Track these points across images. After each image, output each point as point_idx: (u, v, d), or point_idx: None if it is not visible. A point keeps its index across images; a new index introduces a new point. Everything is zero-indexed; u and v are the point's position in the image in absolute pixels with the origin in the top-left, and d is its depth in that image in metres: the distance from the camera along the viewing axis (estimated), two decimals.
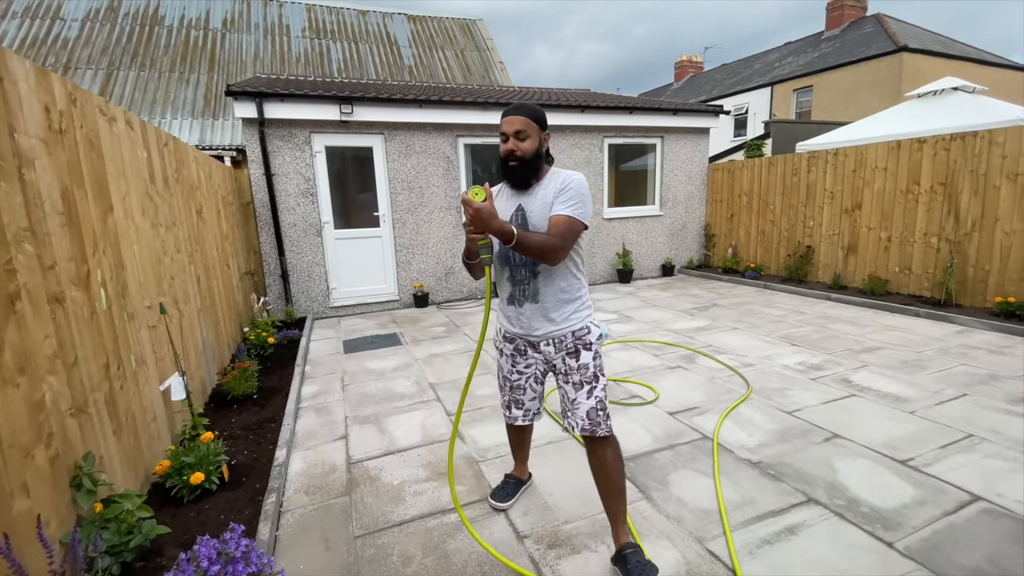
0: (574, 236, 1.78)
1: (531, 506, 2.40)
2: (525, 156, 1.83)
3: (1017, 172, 5.18)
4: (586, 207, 1.82)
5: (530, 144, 1.83)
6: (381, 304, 7.01)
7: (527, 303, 1.93)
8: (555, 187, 1.85)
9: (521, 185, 1.90)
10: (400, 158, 6.87)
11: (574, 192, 1.81)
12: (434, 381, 4.10)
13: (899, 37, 17.47)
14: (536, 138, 1.84)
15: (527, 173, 1.86)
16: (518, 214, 1.90)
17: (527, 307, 1.93)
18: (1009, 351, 4.37)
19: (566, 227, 1.76)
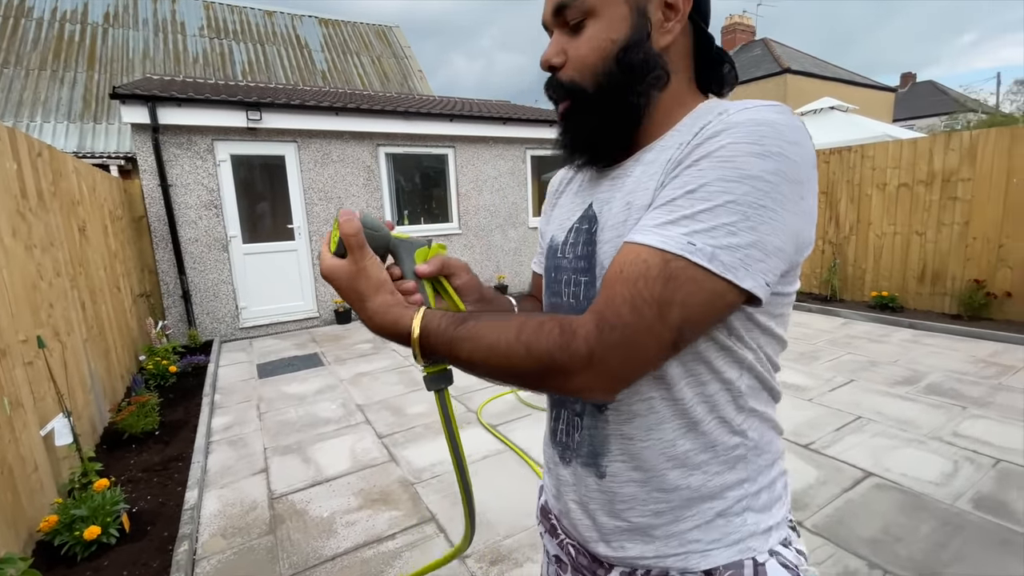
0: (670, 320, 0.50)
1: None
2: (579, 79, 0.63)
3: (885, 182, 5.95)
4: (763, 219, 0.50)
5: (599, 37, 0.61)
6: (299, 322, 6.60)
7: (576, 462, 0.72)
8: (679, 149, 0.57)
9: (594, 154, 0.69)
10: (316, 167, 6.54)
11: (721, 165, 0.51)
12: (362, 402, 3.91)
13: (783, 60, 19.54)
14: (624, 18, 0.60)
15: (594, 121, 0.65)
16: (581, 232, 0.69)
17: (579, 475, 0.71)
18: (885, 339, 4.98)
19: (638, 289, 0.51)
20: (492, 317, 0.58)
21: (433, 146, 7.46)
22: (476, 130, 7.59)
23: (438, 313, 0.61)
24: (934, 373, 3.98)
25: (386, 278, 0.64)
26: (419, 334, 0.59)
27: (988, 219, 5.15)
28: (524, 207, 8.40)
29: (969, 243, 5.31)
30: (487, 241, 8.07)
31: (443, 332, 0.58)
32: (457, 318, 0.59)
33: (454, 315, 0.60)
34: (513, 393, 3.93)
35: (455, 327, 0.58)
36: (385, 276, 0.64)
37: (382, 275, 0.64)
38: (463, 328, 0.58)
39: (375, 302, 0.63)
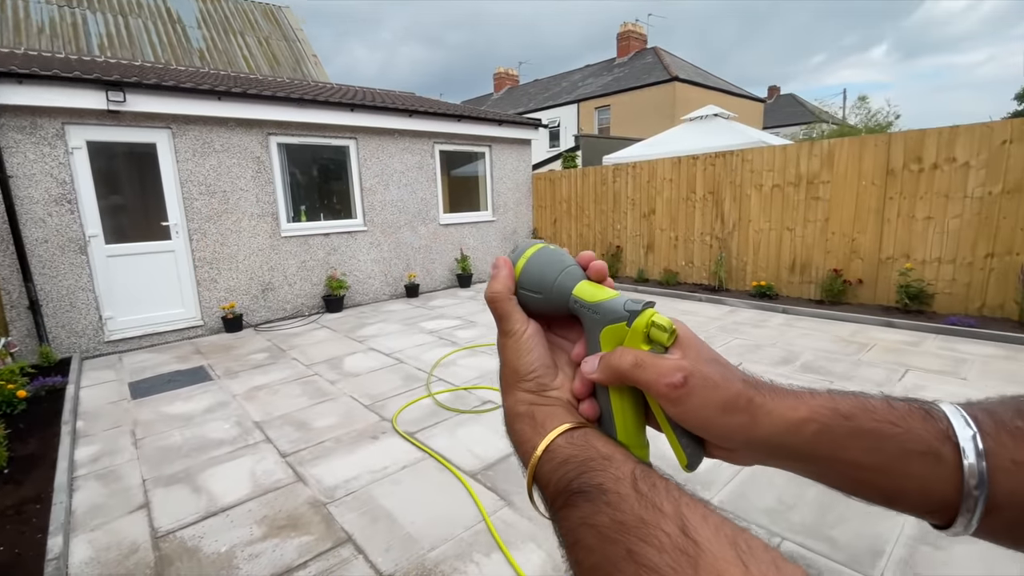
0: None
1: (393, 540, 2.22)
2: None
3: (761, 183, 6.63)
4: None
5: None
6: (179, 332, 5.87)
7: None
8: None
9: None
10: (195, 158, 5.84)
11: None
12: (260, 419, 3.55)
13: (672, 69, 21.10)
14: None
15: None
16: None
17: None
18: (764, 324, 5.55)
19: None
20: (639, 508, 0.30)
21: (332, 137, 7.01)
22: (380, 121, 7.26)
23: (564, 450, 0.35)
24: (806, 353, 4.50)
25: (530, 370, 0.41)
26: (529, 479, 0.37)
27: (844, 216, 5.95)
28: (434, 203, 8.21)
29: (829, 237, 6.09)
30: (395, 238, 7.77)
31: (554, 486, 0.35)
32: (577, 467, 0.34)
33: (580, 459, 0.34)
34: (430, 397, 3.81)
35: (566, 483, 0.34)
36: (530, 366, 0.41)
37: (523, 360, 0.41)
38: (566, 511, 0.33)
39: (507, 401, 0.42)
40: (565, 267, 0.42)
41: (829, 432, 0.34)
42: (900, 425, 0.33)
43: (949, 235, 5.24)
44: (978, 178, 5.01)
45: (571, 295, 0.41)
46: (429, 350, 5.00)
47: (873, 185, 5.67)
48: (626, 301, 0.38)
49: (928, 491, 0.32)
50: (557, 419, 0.38)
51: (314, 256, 6.90)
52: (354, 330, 5.95)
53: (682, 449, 0.38)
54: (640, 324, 0.37)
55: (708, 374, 0.35)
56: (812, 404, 0.35)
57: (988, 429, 0.32)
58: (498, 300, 0.43)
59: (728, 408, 0.35)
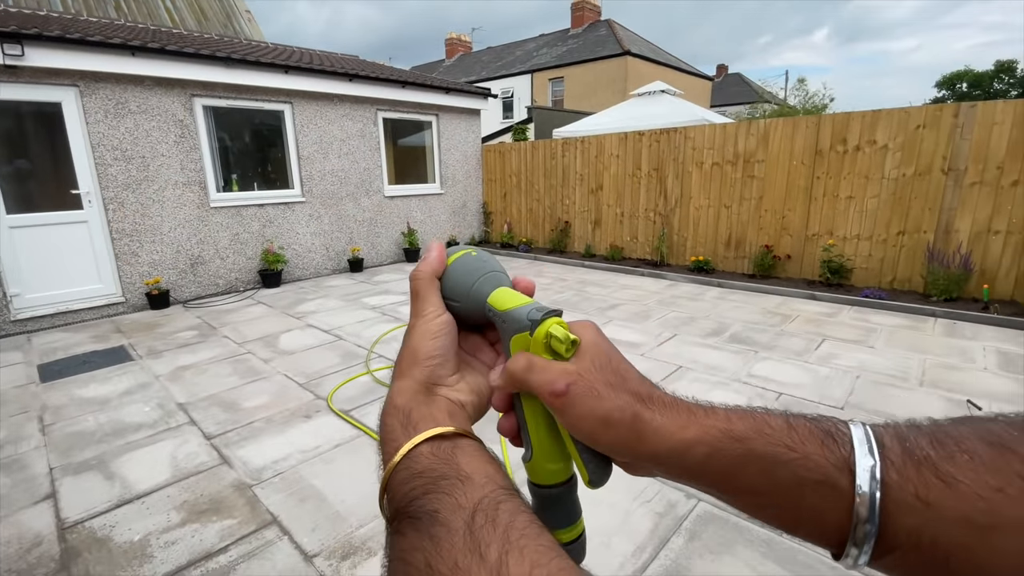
0: None
1: (321, 520, 2.19)
2: None
3: (702, 161, 6.80)
4: None
5: None
6: (97, 310, 5.45)
7: None
8: None
9: None
10: (108, 119, 5.33)
11: None
12: (185, 400, 3.38)
13: (625, 42, 21.07)
14: None
15: None
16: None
17: None
18: (700, 297, 5.79)
19: None
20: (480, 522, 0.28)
21: (265, 100, 6.58)
22: (318, 85, 6.87)
23: (421, 461, 0.33)
24: (735, 324, 4.73)
25: (429, 357, 0.39)
26: (383, 484, 0.34)
27: (776, 195, 6.22)
28: (378, 174, 7.93)
29: (762, 215, 6.37)
30: (337, 210, 7.48)
31: (397, 503, 0.32)
32: (426, 484, 0.31)
33: (434, 476, 0.31)
34: (369, 374, 3.74)
35: (408, 502, 0.31)
36: (430, 353, 0.39)
37: (425, 344, 0.39)
38: (394, 538, 0.31)
39: (391, 388, 0.39)
40: (485, 273, 0.40)
41: (719, 455, 0.31)
42: (796, 450, 0.30)
43: (867, 214, 5.60)
44: (894, 160, 5.34)
45: (486, 302, 0.39)
46: (371, 326, 4.89)
47: (803, 165, 5.95)
48: (530, 310, 0.37)
49: (823, 521, 0.29)
50: (432, 422, 0.36)
51: (248, 228, 6.54)
52: (292, 306, 5.73)
53: (583, 464, 0.36)
54: (540, 334, 0.35)
55: (592, 383, 0.33)
56: (704, 424, 0.32)
57: (895, 458, 0.28)
58: (419, 278, 0.42)
59: (609, 421, 0.33)
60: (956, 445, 0.28)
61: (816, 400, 3.17)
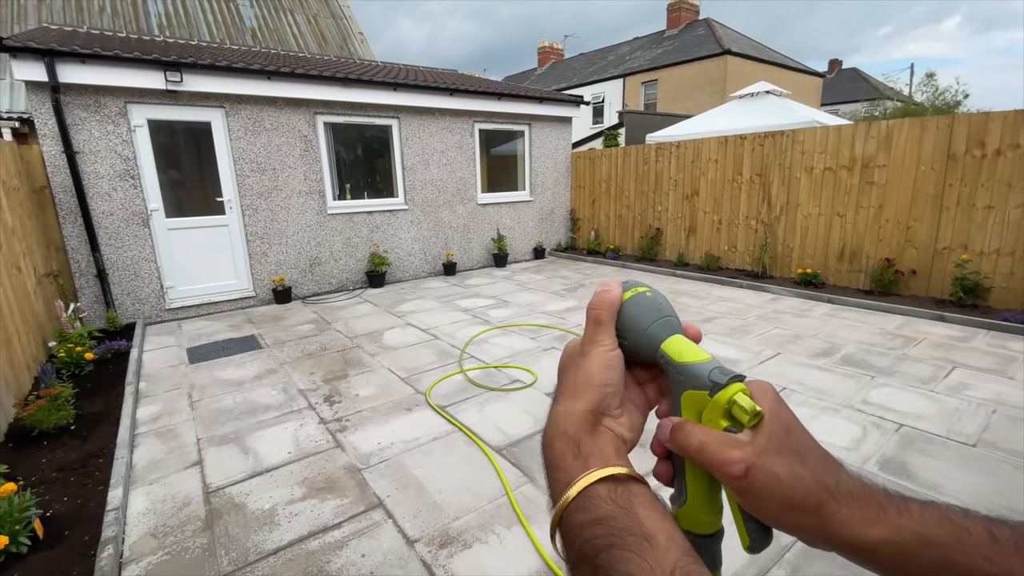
0: None
1: (421, 507, 2.36)
2: None
3: (812, 166, 6.31)
4: None
5: None
6: (233, 303, 6.24)
7: None
8: None
9: None
10: (247, 136, 6.10)
11: None
12: (305, 387, 3.78)
13: (724, 41, 20.06)
14: None
15: None
16: None
17: None
18: (807, 313, 5.37)
19: None
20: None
21: (376, 116, 7.14)
22: (421, 100, 7.32)
23: (601, 505, 0.33)
24: (848, 345, 4.34)
25: (603, 386, 0.39)
26: (555, 518, 0.35)
27: (899, 203, 5.61)
28: (472, 183, 8.26)
29: (882, 225, 5.77)
30: (435, 217, 7.90)
31: (579, 547, 0.32)
32: (610, 536, 0.31)
33: (616, 526, 0.31)
34: (462, 373, 3.93)
35: (593, 551, 0.31)
36: (605, 382, 0.39)
37: (598, 377, 0.39)
38: (594, 559, 0.31)
39: (557, 409, 0.40)
40: (662, 317, 0.41)
41: (910, 559, 0.30)
42: (997, 563, 0.28)
43: (1010, 226, 4.87)
44: None
45: (659, 348, 0.39)
46: (463, 328, 5.12)
47: (932, 170, 5.31)
48: (712, 370, 0.36)
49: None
50: (602, 459, 0.35)
51: (358, 233, 7.13)
52: (394, 305, 6.15)
53: (746, 531, 0.36)
54: (722, 399, 0.35)
55: (774, 469, 0.32)
56: (895, 524, 0.31)
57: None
58: (602, 309, 0.41)
59: (793, 508, 0.32)
60: None
61: (943, 435, 2.83)
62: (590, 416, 0.38)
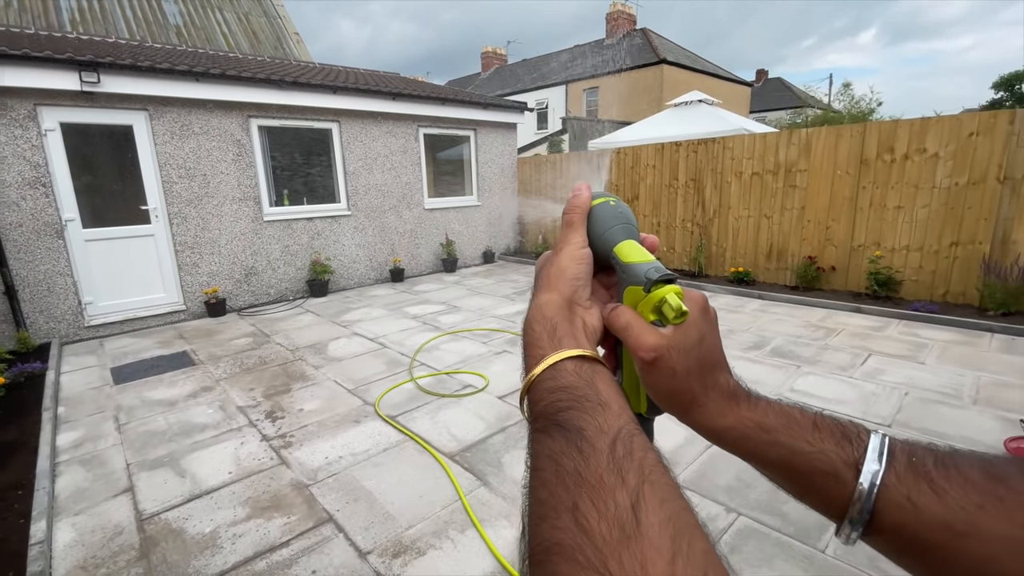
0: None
1: (373, 519, 2.32)
2: None
3: (741, 171, 6.73)
4: None
5: None
6: (161, 317, 5.86)
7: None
8: None
9: None
10: (174, 140, 5.76)
11: None
12: (244, 404, 3.62)
13: (660, 51, 20.97)
14: None
15: None
16: None
17: None
18: (740, 309, 5.71)
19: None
20: (597, 443, 0.32)
21: (315, 120, 6.94)
22: (363, 104, 7.19)
23: (566, 377, 0.37)
24: (777, 338, 4.66)
25: (574, 278, 0.43)
26: (525, 387, 0.39)
27: (819, 205, 6.09)
28: (419, 187, 8.19)
29: (804, 225, 6.24)
30: (380, 223, 7.77)
31: (543, 407, 0.36)
32: (570, 400, 0.35)
33: (577, 395, 0.35)
34: (413, 381, 3.90)
35: (554, 410, 0.35)
36: (576, 275, 0.44)
37: (570, 270, 0.44)
38: (541, 436, 0.34)
39: (538, 299, 0.44)
40: (618, 224, 0.45)
41: (747, 440, 0.40)
42: (814, 445, 0.38)
43: (917, 224, 5.41)
44: (946, 169, 5.16)
45: (612, 250, 0.44)
46: (413, 335, 5.07)
47: (847, 174, 5.81)
48: (649, 268, 0.41)
49: (828, 501, 0.37)
50: (574, 341, 0.40)
51: (298, 240, 6.89)
52: (339, 315, 5.99)
53: (647, 400, 0.44)
54: (654, 297, 0.40)
55: (673, 364, 0.39)
56: (741, 415, 0.40)
57: (899, 467, 0.35)
58: (575, 210, 0.46)
59: (673, 396, 0.41)
60: (956, 468, 0.34)
61: (861, 417, 3.11)
62: (566, 303, 0.42)
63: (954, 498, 0.33)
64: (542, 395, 0.37)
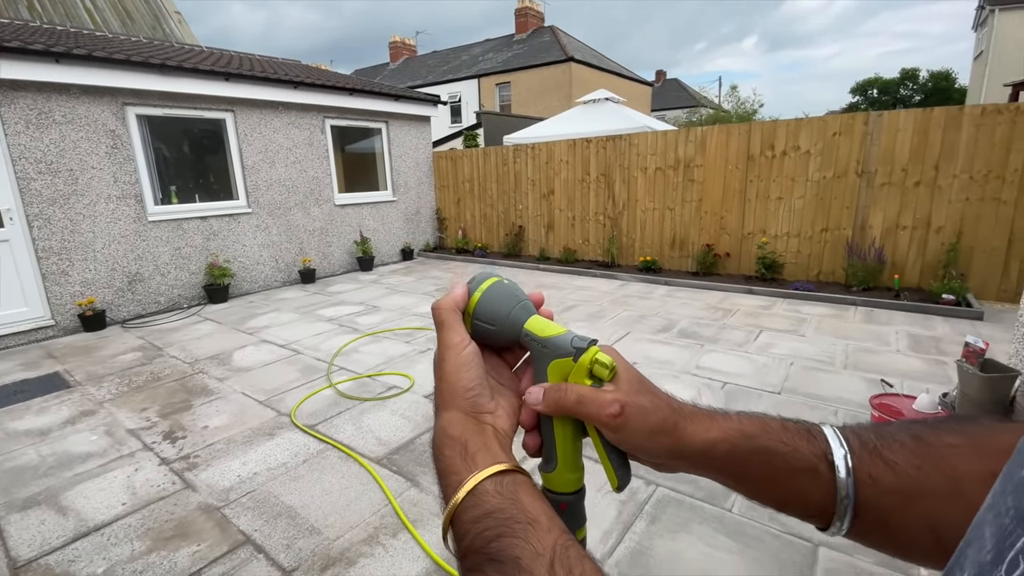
0: None
1: (296, 535, 2.19)
2: None
3: (646, 167, 7.14)
4: None
5: None
6: (24, 335, 5.06)
7: None
8: None
9: None
10: (30, 131, 4.98)
11: None
12: (136, 426, 3.24)
13: (568, 49, 21.59)
14: None
15: None
16: None
17: None
18: (649, 295, 6.09)
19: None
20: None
21: (205, 109, 6.34)
22: (262, 93, 6.69)
23: (489, 500, 0.35)
24: (683, 320, 5.03)
25: (468, 388, 0.42)
26: (447, 518, 0.37)
27: (714, 197, 6.64)
28: (328, 182, 7.79)
29: (702, 216, 6.78)
30: (285, 221, 7.29)
31: (471, 540, 0.34)
32: (498, 526, 0.34)
33: (503, 517, 0.34)
34: (332, 387, 3.72)
35: (484, 542, 0.33)
36: (469, 383, 0.42)
37: (462, 380, 0.42)
38: (489, 566, 0.32)
39: (440, 421, 0.42)
40: (519, 302, 0.45)
41: (736, 450, 0.39)
42: (789, 444, 0.39)
43: (795, 213, 6.09)
44: (816, 164, 5.86)
45: (523, 328, 0.43)
46: (329, 339, 4.83)
47: (737, 169, 6.39)
48: (573, 338, 0.42)
49: (808, 499, 0.38)
50: (489, 455, 0.38)
51: (190, 242, 6.27)
52: (243, 321, 5.55)
53: (614, 472, 0.42)
54: (585, 360, 0.41)
55: (640, 403, 0.40)
56: (724, 427, 0.40)
57: (855, 448, 0.38)
58: (443, 308, 0.44)
59: (657, 432, 0.39)
60: (893, 439, 0.38)
61: (757, 387, 3.45)
62: (470, 419, 0.41)
63: (901, 466, 0.37)
64: (467, 527, 0.35)
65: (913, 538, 0.37)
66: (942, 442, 0.38)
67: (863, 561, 1.94)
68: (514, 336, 0.44)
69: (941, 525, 0.36)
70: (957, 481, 0.36)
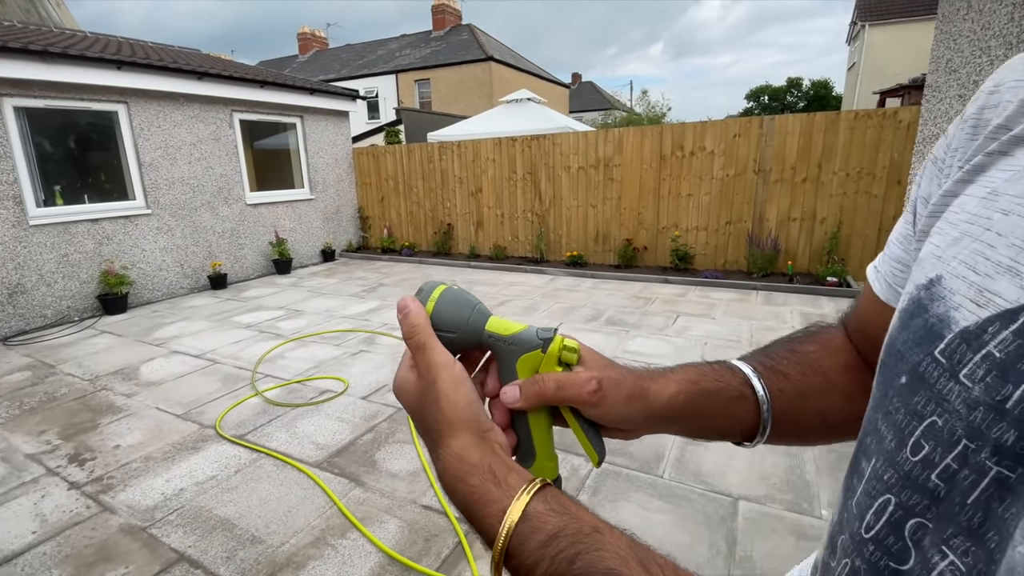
0: None
1: (236, 546, 2.10)
2: None
3: (569, 165, 7.43)
4: None
5: None
6: None
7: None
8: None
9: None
10: None
11: None
12: (35, 450, 2.90)
13: (487, 48, 21.72)
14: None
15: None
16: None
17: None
18: (577, 288, 6.37)
19: None
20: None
21: (94, 100, 5.72)
22: (160, 84, 6.14)
23: (547, 520, 0.34)
24: (609, 309, 5.33)
25: (470, 404, 0.40)
26: (500, 550, 0.34)
27: (632, 194, 7.06)
28: (238, 180, 7.31)
29: (622, 212, 7.18)
30: (191, 222, 6.75)
31: (547, 566, 0.32)
32: (572, 545, 0.32)
33: (569, 533, 0.33)
34: (259, 395, 3.54)
35: (566, 565, 0.32)
36: (469, 400, 0.40)
37: (462, 398, 0.40)
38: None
39: (450, 449, 0.39)
40: (474, 306, 0.44)
41: (690, 398, 0.45)
42: (722, 380, 0.47)
43: (703, 208, 6.65)
44: (719, 163, 6.43)
45: (485, 330, 0.43)
46: (250, 346, 4.58)
47: (651, 168, 6.85)
48: (537, 331, 0.43)
49: (744, 421, 0.47)
50: (518, 475, 0.36)
51: (80, 248, 5.63)
52: (148, 332, 5.09)
53: (593, 448, 0.43)
54: (554, 349, 0.42)
55: (612, 376, 0.43)
56: (676, 379, 0.46)
57: (761, 371, 0.47)
58: (419, 329, 0.41)
59: (631, 397, 0.43)
60: (778, 355, 0.50)
61: None
62: (481, 439, 0.39)
63: (793, 375, 0.48)
64: (537, 554, 0.32)
65: (810, 427, 0.50)
66: (806, 350, 0.51)
67: (774, 508, 2.22)
68: (476, 340, 0.44)
69: (826, 411, 0.49)
70: (826, 376, 0.49)
